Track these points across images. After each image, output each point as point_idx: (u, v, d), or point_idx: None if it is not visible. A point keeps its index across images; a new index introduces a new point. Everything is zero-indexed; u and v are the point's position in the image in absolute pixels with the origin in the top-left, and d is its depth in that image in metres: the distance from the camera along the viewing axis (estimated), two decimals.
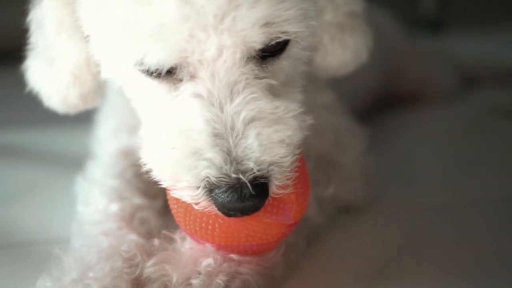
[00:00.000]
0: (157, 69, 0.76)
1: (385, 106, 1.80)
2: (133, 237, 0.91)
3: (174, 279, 0.80)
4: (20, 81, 1.09)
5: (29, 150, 1.44)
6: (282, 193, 0.79)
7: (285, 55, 0.82)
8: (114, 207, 0.98)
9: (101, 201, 1.00)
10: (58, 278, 0.82)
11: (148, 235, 0.94)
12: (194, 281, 0.79)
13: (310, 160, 1.00)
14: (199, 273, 0.80)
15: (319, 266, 0.95)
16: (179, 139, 0.77)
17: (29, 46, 0.98)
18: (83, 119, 1.26)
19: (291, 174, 0.80)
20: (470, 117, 1.81)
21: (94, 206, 1.00)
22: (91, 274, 0.81)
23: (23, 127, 1.55)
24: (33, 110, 1.55)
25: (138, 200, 1.01)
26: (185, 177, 0.77)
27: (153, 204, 1.02)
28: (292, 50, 0.82)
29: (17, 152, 1.45)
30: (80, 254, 0.87)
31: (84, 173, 1.13)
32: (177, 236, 0.88)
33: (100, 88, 0.97)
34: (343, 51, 0.98)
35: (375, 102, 1.73)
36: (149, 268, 0.83)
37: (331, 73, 1.02)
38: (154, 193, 1.05)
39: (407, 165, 1.41)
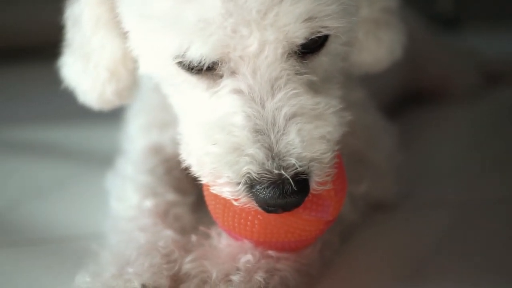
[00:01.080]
0: (198, 64, 0.76)
1: (407, 104, 1.79)
2: (169, 233, 0.91)
3: (214, 275, 0.80)
4: (50, 77, 1.10)
5: (59, 146, 1.45)
6: (322, 189, 0.79)
7: (324, 51, 0.81)
8: (148, 203, 0.98)
9: (134, 197, 1.00)
10: (98, 273, 0.82)
11: (182, 232, 0.94)
12: (234, 277, 0.79)
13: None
14: (239, 270, 0.80)
15: (355, 264, 0.94)
16: (220, 135, 0.77)
17: (65, 43, 0.98)
18: (113, 116, 1.27)
19: (331, 170, 0.80)
20: (492, 113, 1.79)
21: (127, 202, 1.00)
22: (130, 270, 0.81)
23: (54, 123, 1.56)
24: (63, 106, 1.57)
25: (171, 196, 1.01)
26: (226, 173, 0.76)
27: (185, 200, 1.02)
28: (331, 46, 0.82)
29: (47, 148, 1.45)
30: (118, 250, 0.88)
31: (115, 169, 1.13)
32: (213, 232, 0.88)
33: (135, 84, 0.97)
34: (377, 47, 0.98)
35: (398, 99, 1.72)
36: (188, 264, 0.83)
37: (365, 70, 1.02)
38: (185, 190, 1.06)
39: (433, 162, 1.40)
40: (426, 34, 1.89)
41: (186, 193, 1.05)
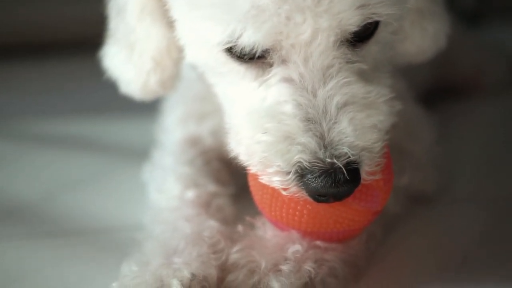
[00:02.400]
0: (250, 51, 0.75)
1: (437, 98, 1.77)
2: (213, 223, 0.90)
3: (263, 265, 0.79)
4: (88, 71, 1.10)
5: (95, 139, 1.45)
6: (371, 179, 0.79)
7: (374, 39, 0.81)
8: (190, 194, 0.98)
9: (175, 188, 1.00)
10: (144, 262, 0.82)
11: (224, 222, 0.94)
12: (284, 267, 0.79)
13: None
14: (288, 259, 0.80)
15: (399, 256, 0.93)
16: (270, 123, 0.76)
17: (108, 33, 0.98)
18: (148, 109, 1.27)
19: (380, 160, 0.79)
20: None
21: (169, 193, 1.00)
22: (177, 259, 0.81)
23: (90, 116, 1.57)
24: (100, 100, 1.59)
25: (212, 187, 1.01)
26: (276, 162, 0.76)
27: (226, 191, 1.02)
28: (380, 35, 0.81)
29: (83, 140, 1.46)
30: (163, 240, 0.87)
31: (152, 161, 1.14)
32: (259, 222, 0.88)
33: (178, 74, 0.96)
34: (422, 37, 0.96)
35: (428, 93, 1.71)
36: (235, 254, 0.83)
37: (408, 60, 1.00)
38: (225, 181, 1.06)
39: (464, 156, 1.38)
40: (455, 28, 1.88)
41: (226, 184, 1.04)
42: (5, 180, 1.28)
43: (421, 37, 0.96)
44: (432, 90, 1.73)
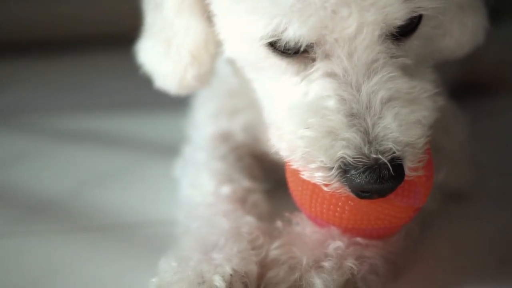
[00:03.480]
0: (295, 46, 0.75)
1: (463, 94, 1.75)
2: (250, 219, 0.90)
3: (304, 262, 0.79)
4: (118, 67, 1.10)
5: (123, 135, 1.45)
6: (414, 175, 0.78)
7: (417, 34, 0.80)
8: (225, 189, 0.97)
9: (210, 183, 0.99)
10: (183, 258, 0.82)
11: (260, 218, 0.93)
12: (326, 264, 0.78)
13: None
14: (329, 256, 0.79)
15: (437, 253, 0.93)
16: (313, 119, 0.76)
17: (144, 27, 0.98)
18: (177, 105, 1.28)
19: (423, 156, 0.78)
20: None
21: (203, 188, 0.99)
22: (217, 255, 0.80)
23: (119, 112, 1.57)
24: (129, 95, 1.59)
25: (246, 183, 1.00)
26: (319, 158, 0.75)
27: (261, 187, 1.01)
28: (423, 29, 0.80)
29: (111, 135, 1.46)
30: (201, 235, 0.87)
31: (184, 157, 1.13)
32: (298, 218, 0.87)
33: (214, 69, 0.96)
34: (461, 31, 0.95)
35: (455, 90, 1.69)
36: (275, 250, 0.82)
37: (446, 55, 0.99)
38: (257, 177, 1.05)
39: (497, 153, 1.37)
40: None
41: (259, 180, 1.04)
42: (33, 176, 1.28)
43: (461, 32, 0.95)
44: (460, 86, 1.71)
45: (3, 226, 1.10)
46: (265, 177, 1.06)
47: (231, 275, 0.76)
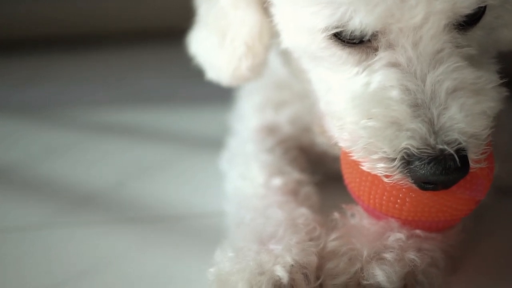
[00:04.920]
0: (360, 34, 0.74)
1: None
2: (305, 210, 0.89)
3: (365, 253, 0.78)
4: (162, 61, 1.09)
5: (166, 128, 1.46)
6: (477, 167, 0.77)
7: (480, 24, 0.78)
8: (277, 181, 0.97)
9: (261, 175, 0.99)
10: (241, 248, 0.81)
11: (312, 210, 0.92)
12: (388, 255, 0.77)
13: None
14: (390, 248, 0.78)
15: (493, 247, 0.92)
16: (376, 109, 0.75)
17: (196, 18, 0.98)
18: (219, 99, 1.29)
19: (486, 148, 0.77)
20: None
21: (254, 180, 0.99)
22: (276, 246, 0.80)
23: (160, 105, 1.58)
24: (170, 90, 1.59)
25: (297, 175, 1.00)
26: (382, 148, 0.74)
27: (311, 179, 1.01)
28: (486, 19, 0.79)
29: (154, 128, 1.47)
30: (256, 226, 0.86)
31: (230, 149, 1.13)
32: (354, 210, 0.86)
33: (267, 60, 0.95)
34: None
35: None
36: (333, 242, 0.81)
37: (502, 47, 0.97)
38: (305, 169, 1.04)
39: None
40: None
41: (308, 173, 1.03)
42: (77, 168, 1.29)
43: None
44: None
45: (49, 217, 1.11)
46: (313, 169, 1.05)
47: (291, 265, 0.76)
